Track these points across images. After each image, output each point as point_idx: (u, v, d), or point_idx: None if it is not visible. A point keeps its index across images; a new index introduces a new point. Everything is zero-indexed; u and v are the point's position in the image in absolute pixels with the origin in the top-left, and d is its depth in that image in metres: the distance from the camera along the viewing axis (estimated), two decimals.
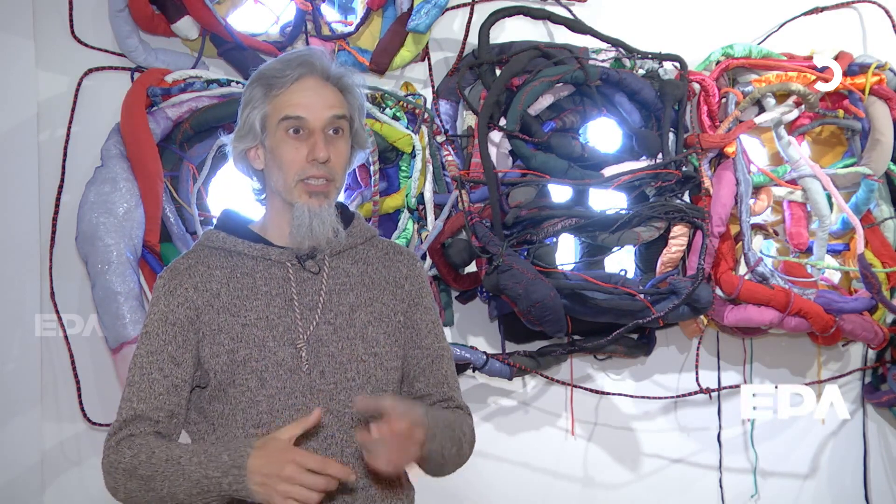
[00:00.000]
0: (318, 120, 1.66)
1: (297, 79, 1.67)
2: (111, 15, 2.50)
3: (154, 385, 1.64)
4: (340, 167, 1.69)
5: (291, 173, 1.65)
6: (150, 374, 1.64)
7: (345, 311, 1.70)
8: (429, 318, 1.82)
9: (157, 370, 1.64)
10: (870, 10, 3.05)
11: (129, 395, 1.64)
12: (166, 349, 1.65)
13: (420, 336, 1.80)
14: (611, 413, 2.92)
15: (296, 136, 1.66)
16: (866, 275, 2.70)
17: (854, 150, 2.91)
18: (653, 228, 2.65)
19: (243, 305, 1.67)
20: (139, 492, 1.58)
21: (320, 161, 1.64)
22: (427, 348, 1.80)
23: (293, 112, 1.65)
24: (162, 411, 1.63)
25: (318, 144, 1.64)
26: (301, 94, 1.66)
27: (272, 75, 1.67)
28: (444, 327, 2.70)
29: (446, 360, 1.84)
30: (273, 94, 1.67)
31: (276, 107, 1.67)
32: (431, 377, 1.81)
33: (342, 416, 1.67)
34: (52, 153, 2.50)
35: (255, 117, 1.68)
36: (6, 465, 2.47)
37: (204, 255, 1.72)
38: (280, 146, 1.66)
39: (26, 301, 2.49)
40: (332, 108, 1.67)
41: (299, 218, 1.65)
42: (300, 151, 1.65)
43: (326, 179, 1.66)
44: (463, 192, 2.56)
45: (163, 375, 1.64)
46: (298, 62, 1.68)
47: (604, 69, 2.66)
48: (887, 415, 3.10)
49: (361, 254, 1.78)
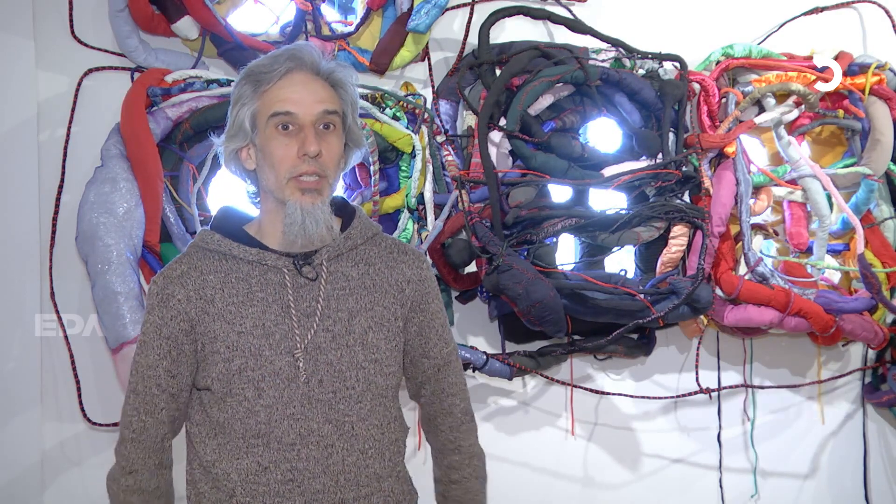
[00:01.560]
0: (308, 115, 1.61)
1: (285, 73, 1.62)
2: (111, 15, 2.50)
3: (155, 399, 1.67)
4: (332, 162, 1.64)
5: (283, 170, 1.61)
6: (150, 390, 1.67)
7: (343, 318, 1.67)
8: (437, 324, 1.78)
9: (155, 385, 1.66)
10: (870, 10, 3.05)
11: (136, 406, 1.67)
12: (161, 364, 1.66)
13: (429, 345, 1.77)
14: (611, 413, 2.92)
15: (286, 133, 1.61)
16: (866, 275, 2.70)
17: (854, 150, 2.91)
18: (653, 228, 2.65)
19: (238, 312, 1.64)
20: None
21: (311, 155, 1.59)
22: (434, 357, 1.78)
23: (282, 107, 1.61)
24: (164, 425, 1.68)
25: (309, 139, 1.60)
26: (290, 88, 1.62)
27: (260, 71, 1.63)
28: None
29: (453, 366, 1.82)
30: (262, 90, 1.62)
31: (265, 103, 1.62)
32: (436, 385, 1.80)
33: (342, 426, 1.65)
34: (52, 153, 2.50)
35: (245, 115, 1.64)
36: (6, 465, 2.47)
37: (197, 258, 1.68)
38: (270, 143, 1.62)
39: (26, 301, 2.49)
40: (323, 102, 1.63)
41: (291, 216, 1.61)
42: (290, 148, 1.61)
43: (318, 175, 1.61)
44: (463, 192, 2.55)
45: (160, 390, 1.66)
46: (286, 56, 1.63)
47: (604, 69, 2.66)
48: (887, 415, 3.10)
49: (363, 254, 1.73)
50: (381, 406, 1.70)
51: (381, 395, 1.70)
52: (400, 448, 1.76)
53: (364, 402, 1.67)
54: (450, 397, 1.81)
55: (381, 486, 1.69)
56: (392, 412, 1.74)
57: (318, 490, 1.64)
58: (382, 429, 1.70)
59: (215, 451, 1.66)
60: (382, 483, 1.70)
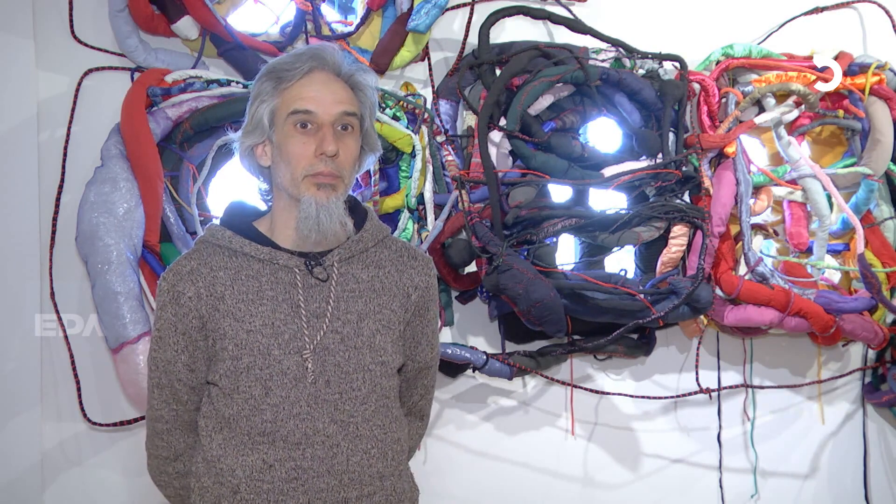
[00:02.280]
0: (328, 115, 1.62)
1: (307, 72, 1.63)
2: (111, 15, 2.50)
3: (178, 394, 1.71)
4: (349, 164, 1.65)
5: (299, 168, 1.61)
6: (173, 384, 1.70)
7: (353, 320, 1.67)
8: (430, 330, 1.82)
9: (176, 380, 1.70)
10: (870, 10, 3.05)
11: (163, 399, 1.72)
12: (180, 358, 1.68)
13: (418, 349, 1.81)
14: (611, 413, 2.92)
15: (304, 131, 1.62)
16: (866, 275, 2.70)
17: (854, 150, 2.91)
18: (653, 228, 2.65)
19: (248, 311, 1.64)
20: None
21: (329, 154, 1.60)
22: (419, 361, 1.82)
23: (302, 105, 1.61)
24: (192, 413, 1.73)
25: (328, 138, 1.60)
26: (311, 87, 1.63)
27: (282, 68, 1.64)
28: (444, 327, 2.71)
29: (432, 371, 1.88)
30: (282, 88, 1.63)
31: (284, 100, 1.63)
32: (411, 384, 1.86)
33: (347, 426, 1.66)
34: (52, 153, 2.50)
35: (264, 111, 1.64)
36: (6, 465, 2.47)
37: (207, 254, 1.68)
38: (288, 140, 1.62)
39: (26, 301, 2.49)
40: (342, 103, 1.63)
41: (306, 210, 1.61)
42: (308, 146, 1.61)
43: (334, 175, 1.62)
44: (463, 192, 2.55)
45: (182, 384, 1.70)
46: (309, 55, 1.64)
47: (604, 69, 2.66)
48: (887, 415, 3.10)
49: (373, 257, 1.74)
50: (385, 407, 1.72)
51: (385, 396, 1.71)
52: (402, 447, 1.77)
53: (369, 403, 1.68)
54: (417, 397, 1.89)
55: (383, 485, 1.70)
56: (394, 412, 1.75)
57: (321, 489, 1.64)
58: (386, 429, 1.72)
59: (221, 447, 1.67)
60: (385, 482, 1.71)
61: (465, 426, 2.82)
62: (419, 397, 1.89)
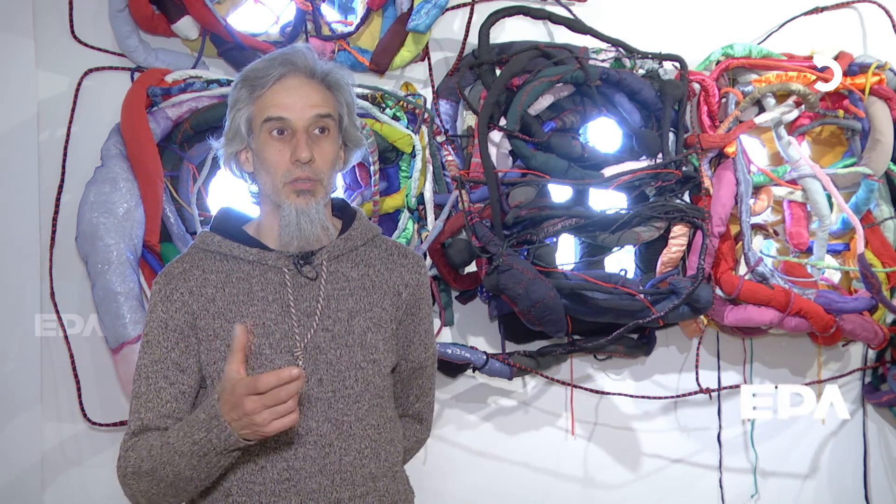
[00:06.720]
0: (301, 120, 1.62)
1: (279, 78, 1.63)
2: (111, 15, 2.50)
3: (161, 393, 1.62)
4: (326, 167, 1.65)
5: (278, 176, 1.62)
6: (157, 384, 1.62)
7: (343, 318, 1.67)
8: (423, 329, 1.81)
9: (162, 378, 1.63)
10: (870, 10, 3.05)
11: (137, 407, 1.62)
12: (169, 356, 1.64)
13: (411, 348, 1.80)
14: (611, 413, 2.92)
15: (279, 138, 1.62)
16: (866, 275, 2.70)
17: (854, 150, 2.91)
18: (653, 228, 2.65)
19: (239, 311, 1.64)
20: (153, 489, 1.56)
21: (303, 162, 1.60)
22: (413, 361, 1.81)
23: (275, 113, 1.62)
24: (170, 418, 1.61)
25: (301, 145, 1.60)
26: (283, 93, 1.62)
27: (255, 76, 1.64)
28: (444, 327, 2.71)
29: (428, 371, 1.86)
30: (256, 95, 1.63)
31: (258, 108, 1.63)
32: (406, 385, 1.84)
33: (340, 425, 1.65)
34: (52, 153, 2.50)
35: (241, 119, 1.65)
36: (6, 465, 2.47)
37: (199, 258, 1.69)
38: (265, 148, 1.63)
39: (26, 301, 2.49)
40: (316, 107, 1.63)
41: (287, 217, 1.62)
42: (284, 153, 1.62)
43: (311, 180, 1.62)
44: (463, 192, 2.55)
45: (169, 383, 1.63)
46: (280, 60, 1.64)
47: (604, 69, 2.65)
48: (887, 415, 3.10)
49: (363, 255, 1.74)
50: (378, 406, 1.71)
51: (378, 395, 1.70)
52: (396, 448, 1.76)
53: (362, 402, 1.67)
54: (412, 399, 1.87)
55: (376, 486, 1.69)
56: (388, 412, 1.74)
57: (313, 489, 1.64)
58: (379, 429, 1.71)
59: None
60: (378, 483, 1.70)
61: (465, 426, 2.82)
62: (415, 399, 1.87)
